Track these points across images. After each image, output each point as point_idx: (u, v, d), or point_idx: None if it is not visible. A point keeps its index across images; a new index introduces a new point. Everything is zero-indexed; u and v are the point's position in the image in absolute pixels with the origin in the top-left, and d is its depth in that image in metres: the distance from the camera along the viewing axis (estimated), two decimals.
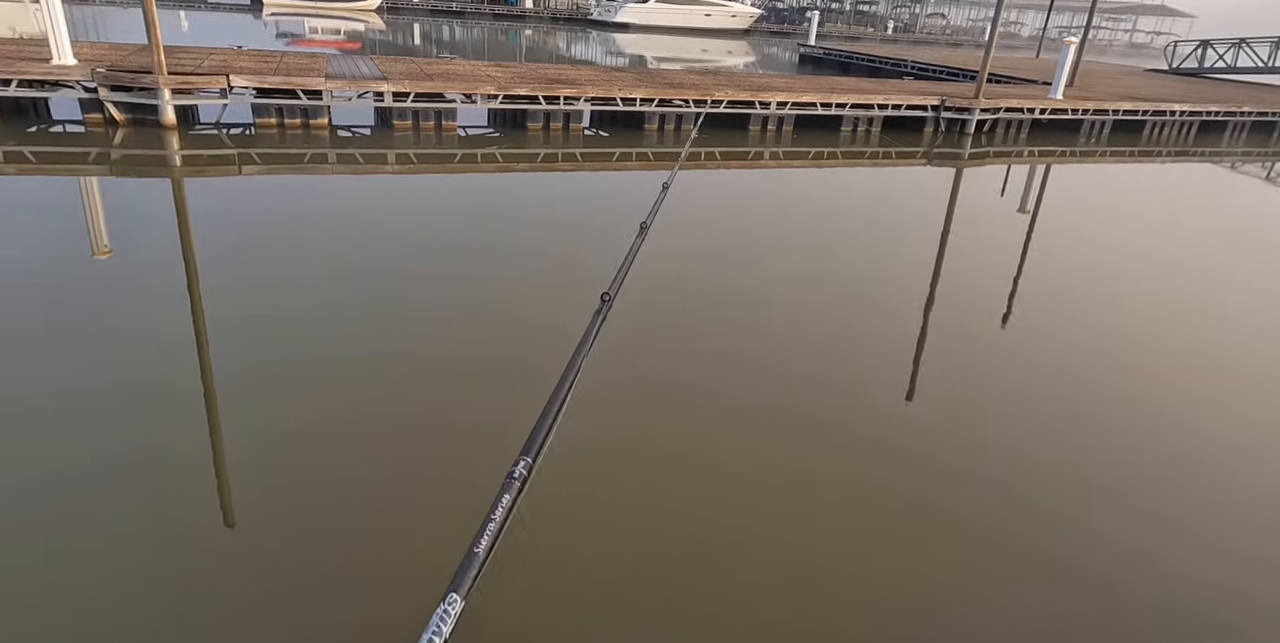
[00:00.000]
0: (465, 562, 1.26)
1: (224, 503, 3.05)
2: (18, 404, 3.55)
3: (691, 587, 2.81)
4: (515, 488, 1.43)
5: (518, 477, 1.46)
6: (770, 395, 4.21)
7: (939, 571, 3.00)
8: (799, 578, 2.90)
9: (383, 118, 10.02)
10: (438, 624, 1.14)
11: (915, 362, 4.79)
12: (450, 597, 1.14)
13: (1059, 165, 11.74)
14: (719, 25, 39.61)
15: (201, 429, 3.48)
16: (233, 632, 2.48)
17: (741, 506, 3.27)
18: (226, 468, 3.24)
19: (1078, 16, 48.42)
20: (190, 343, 4.26)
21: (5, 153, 7.74)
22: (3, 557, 2.70)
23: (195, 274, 5.21)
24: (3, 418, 3.45)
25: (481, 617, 2.45)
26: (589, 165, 9.28)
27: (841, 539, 3.12)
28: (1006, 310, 5.75)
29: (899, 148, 11.52)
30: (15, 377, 3.78)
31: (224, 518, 2.97)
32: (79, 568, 2.67)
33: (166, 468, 3.21)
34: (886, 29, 49.43)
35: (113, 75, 8.56)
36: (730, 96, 11.10)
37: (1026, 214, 8.85)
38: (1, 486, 3.03)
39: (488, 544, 1.29)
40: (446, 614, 1.14)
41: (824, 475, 3.54)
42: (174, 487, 3.10)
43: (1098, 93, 14.81)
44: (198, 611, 2.53)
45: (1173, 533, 3.35)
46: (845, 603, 2.81)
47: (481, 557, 1.23)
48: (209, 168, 7.89)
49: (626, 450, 3.60)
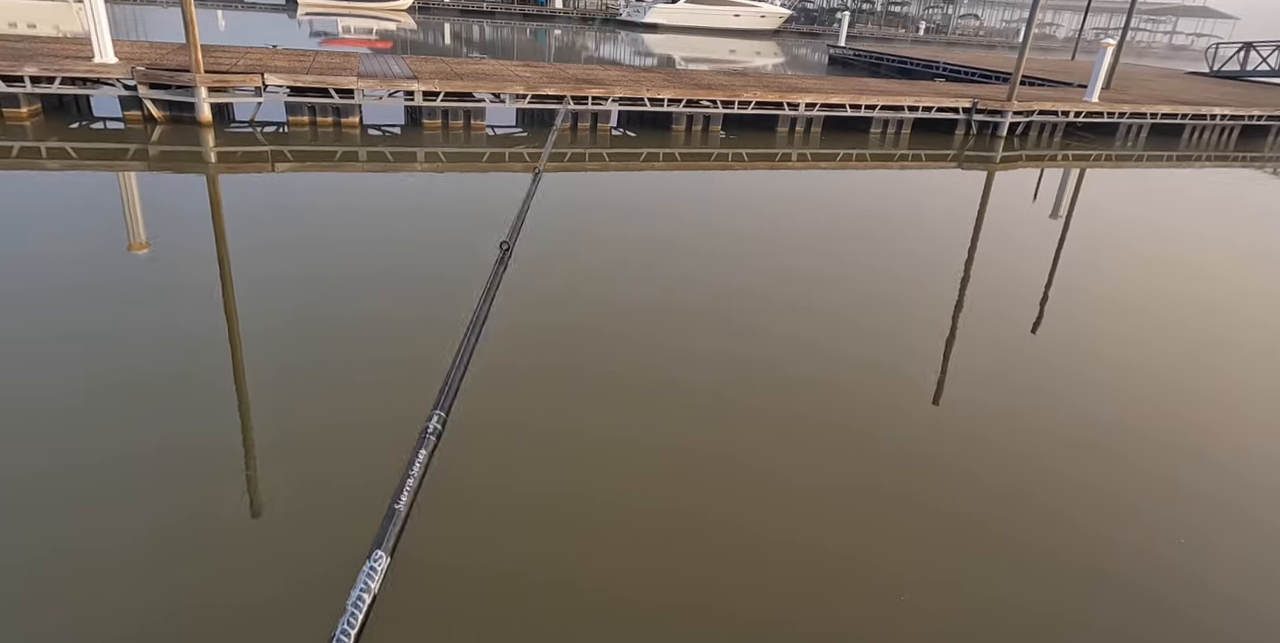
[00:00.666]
0: (387, 518, 1.27)
1: (252, 494, 3.10)
2: (52, 390, 3.64)
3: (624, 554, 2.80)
4: (431, 443, 1.44)
5: (431, 431, 1.47)
6: (795, 397, 4.18)
7: (960, 577, 2.95)
8: (787, 574, 2.88)
9: (413, 117, 10.12)
10: (365, 581, 1.15)
11: (943, 366, 4.73)
12: (376, 554, 1.15)
13: (1093, 170, 11.53)
14: (748, 26, 39.45)
15: (232, 421, 3.54)
16: None
17: (726, 495, 3.26)
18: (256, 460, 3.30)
19: (1115, 18, 47.51)
20: (222, 335, 4.34)
21: (48, 149, 7.94)
22: (31, 545, 2.76)
23: (228, 268, 5.30)
24: (37, 405, 3.54)
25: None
26: (615, 165, 9.29)
27: (852, 539, 3.09)
28: (1037, 317, 5.65)
29: (929, 151, 11.38)
30: (50, 365, 3.88)
31: (250, 510, 3.02)
32: (109, 555, 2.73)
33: (193, 458, 3.27)
34: (918, 30, 48.87)
35: (152, 73, 8.74)
36: (758, 97, 11.05)
37: (1059, 219, 8.69)
38: (33, 472, 3.10)
39: (408, 500, 1.30)
40: (374, 571, 1.15)
41: (846, 475, 3.50)
42: (200, 477, 3.16)
43: (1135, 95, 14.52)
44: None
45: (1206, 549, 3.27)
46: (856, 608, 2.78)
47: (403, 513, 1.24)
48: (243, 165, 8.03)
49: (645, 451, 3.59)
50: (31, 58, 8.87)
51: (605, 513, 3.16)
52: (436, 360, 4.22)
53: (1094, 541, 3.23)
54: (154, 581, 2.64)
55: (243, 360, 4.07)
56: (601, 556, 2.92)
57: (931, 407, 4.23)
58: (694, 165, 9.60)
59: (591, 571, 2.84)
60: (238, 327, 4.46)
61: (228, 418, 3.59)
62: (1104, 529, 3.31)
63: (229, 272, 5.25)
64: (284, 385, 3.87)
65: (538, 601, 2.67)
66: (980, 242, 7.49)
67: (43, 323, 4.33)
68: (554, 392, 4.03)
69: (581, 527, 3.05)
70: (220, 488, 3.12)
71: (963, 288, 6.15)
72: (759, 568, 2.92)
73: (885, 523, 3.24)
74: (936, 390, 4.42)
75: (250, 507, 3.03)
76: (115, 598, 2.56)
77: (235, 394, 3.76)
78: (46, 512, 2.92)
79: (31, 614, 2.47)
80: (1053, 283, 6.42)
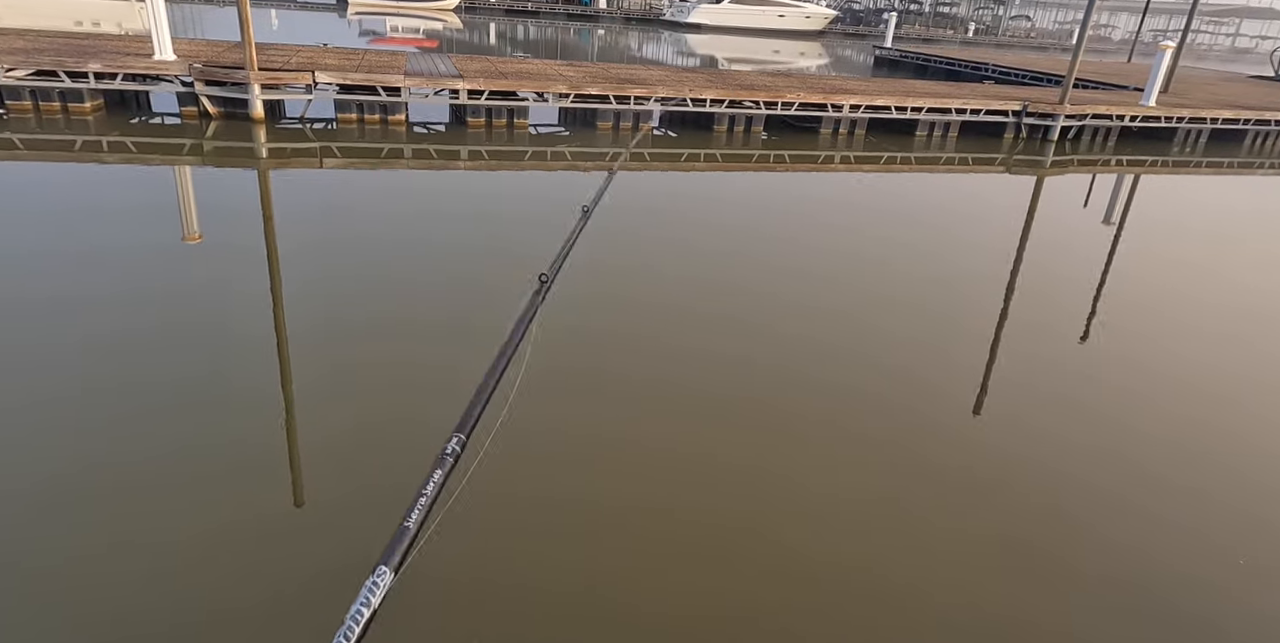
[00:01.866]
0: (396, 536, 1.24)
1: (295, 486, 3.17)
2: (103, 371, 3.77)
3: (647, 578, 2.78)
4: (448, 464, 1.39)
5: (450, 453, 1.42)
6: (835, 404, 4.13)
7: (994, 598, 2.89)
8: (805, 587, 2.84)
9: (457, 115, 10.25)
10: (366, 596, 1.13)
11: (985, 375, 4.63)
12: (380, 570, 1.13)
13: (1149, 176, 11.17)
14: (793, 26, 39.12)
15: (276, 412, 3.63)
16: None
17: (742, 505, 3.22)
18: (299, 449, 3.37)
19: (1175, 19, 46.00)
20: (269, 325, 4.45)
21: (109, 142, 8.23)
22: (77, 527, 2.86)
23: (276, 260, 5.44)
24: (89, 385, 3.66)
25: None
26: (657, 165, 9.29)
27: (893, 558, 3.04)
28: (1085, 328, 5.50)
29: (976, 154, 11.15)
30: (105, 350, 4.01)
31: (294, 499, 3.08)
32: (152, 540, 2.81)
33: (239, 448, 3.36)
34: (967, 31, 47.92)
35: (208, 70, 9.00)
36: (802, 98, 10.95)
37: (1111, 227, 8.45)
38: (83, 449, 3.22)
39: (418, 519, 1.27)
40: (375, 586, 1.13)
41: (882, 488, 3.45)
42: (244, 468, 3.24)
43: (1195, 100, 14.04)
44: None
45: (1266, 576, 3.14)
46: (894, 628, 2.73)
47: (412, 531, 1.21)
48: (292, 160, 8.22)
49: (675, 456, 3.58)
50: (95, 55, 9.21)
51: (633, 533, 3.10)
52: (466, 370, 4.26)
53: (1142, 564, 3.12)
54: (163, 582, 2.71)
55: (287, 348, 4.17)
56: (628, 576, 2.86)
57: (972, 417, 4.15)
58: (735, 166, 9.56)
59: (621, 594, 2.84)
60: (283, 315, 4.57)
61: (257, 416, 3.67)
62: (1153, 552, 3.20)
63: (276, 264, 5.37)
64: (318, 388, 3.95)
65: (553, 624, 2.57)
66: (1027, 248, 7.31)
67: (98, 308, 4.49)
68: (592, 398, 4.04)
69: (608, 548, 3.01)
70: (241, 488, 3.18)
71: (1008, 295, 6.01)
72: (792, 583, 2.89)
73: (920, 539, 3.18)
74: (977, 401, 4.33)
75: (270, 509, 3.08)
76: (114, 599, 2.56)
77: (268, 391, 3.85)
78: (121, 486, 3.02)
79: (107, 590, 2.56)
80: (1102, 293, 6.24)
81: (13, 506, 2.91)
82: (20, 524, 2.82)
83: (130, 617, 2.47)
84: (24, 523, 2.83)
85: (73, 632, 2.41)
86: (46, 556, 2.69)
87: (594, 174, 8.43)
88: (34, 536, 2.77)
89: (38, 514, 2.87)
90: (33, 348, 4.00)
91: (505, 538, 2.86)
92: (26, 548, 2.71)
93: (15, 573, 2.61)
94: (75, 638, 2.40)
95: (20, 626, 2.40)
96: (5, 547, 2.72)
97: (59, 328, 4.23)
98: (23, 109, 8.91)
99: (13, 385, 3.65)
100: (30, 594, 2.53)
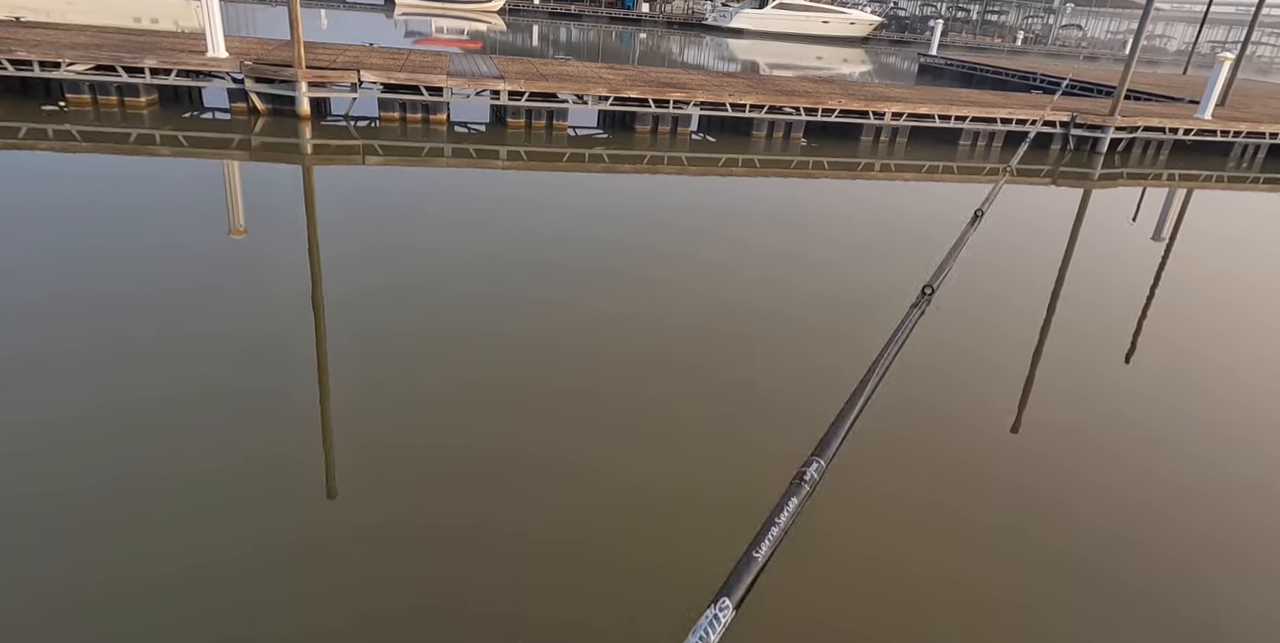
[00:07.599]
0: (740, 567, 1.12)
1: (329, 472, 3.21)
2: (146, 353, 3.86)
3: None
4: (804, 492, 1.29)
5: (808, 480, 1.31)
6: (875, 418, 4.05)
7: (1034, 615, 2.80)
8: None
9: (497, 115, 10.34)
10: (706, 630, 1.01)
11: (1025, 391, 4.51)
12: (722, 602, 1.02)
13: (1202, 191, 10.83)
14: (836, 33, 38.78)
15: (313, 404, 3.68)
16: None
17: None
18: (333, 438, 3.41)
19: (1234, 31, 44.63)
20: (308, 318, 4.52)
21: (162, 136, 8.46)
22: (110, 516, 2.93)
23: (318, 255, 5.53)
24: (131, 371, 3.76)
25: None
26: (693, 169, 9.26)
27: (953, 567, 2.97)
28: (1131, 346, 5.34)
29: (1022, 165, 10.92)
30: (149, 337, 4.11)
31: (327, 490, 3.12)
32: (189, 533, 2.87)
33: (276, 436, 3.41)
34: (1015, 40, 47.05)
35: (258, 68, 9.21)
36: (843, 105, 10.84)
37: (1161, 243, 8.20)
38: (121, 434, 3.29)
39: (768, 552, 1.16)
40: (716, 620, 1.01)
41: (925, 499, 3.38)
42: (282, 454, 3.29)
43: (1254, 114, 13.57)
44: None
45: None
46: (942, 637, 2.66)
47: (760, 563, 1.11)
48: (336, 156, 8.37)
49: None
50: (152, 51, 9.48)
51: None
52: (501, 378, 4.29)
53: (1190, 591, 3.01)
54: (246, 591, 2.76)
55: (325, 339, 4.23)
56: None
57: (1010, 435, 4.04)
58: (774, 172, 9.49)
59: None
60: (323, 309, 4.64)
61: (287, 418, 3.72)
62: (1202, 578, 3.08)
63: (318, 259, 5.47)
64: (355, 392, 4.00)
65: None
66: (1072, 262, 7.13)
67: (146, 297, 4.60)
68: None
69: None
70: (260, 488, 3.23)
71: (1050, 310, 5.86)
72: None
73: (961, 553, 3.10)
74: (1017, 417, 4.22)
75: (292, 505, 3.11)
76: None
77: (316, 374, 3.91)
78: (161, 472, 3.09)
79: (144, 582, 2.62)
80: (1149, 310, 6.05)
81: (90, 497, 2.99)
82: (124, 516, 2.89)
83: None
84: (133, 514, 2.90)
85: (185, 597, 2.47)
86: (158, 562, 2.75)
87: (631, 177, 8.41)
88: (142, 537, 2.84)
89: (118, 507, 2.95)
90: (77, 338, 4.12)
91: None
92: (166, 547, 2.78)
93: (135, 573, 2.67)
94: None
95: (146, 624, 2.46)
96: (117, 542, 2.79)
97: (104, 313, 4.35)
98: (81, 102, 9.21)
99: (62, 372, 3.76)
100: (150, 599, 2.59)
